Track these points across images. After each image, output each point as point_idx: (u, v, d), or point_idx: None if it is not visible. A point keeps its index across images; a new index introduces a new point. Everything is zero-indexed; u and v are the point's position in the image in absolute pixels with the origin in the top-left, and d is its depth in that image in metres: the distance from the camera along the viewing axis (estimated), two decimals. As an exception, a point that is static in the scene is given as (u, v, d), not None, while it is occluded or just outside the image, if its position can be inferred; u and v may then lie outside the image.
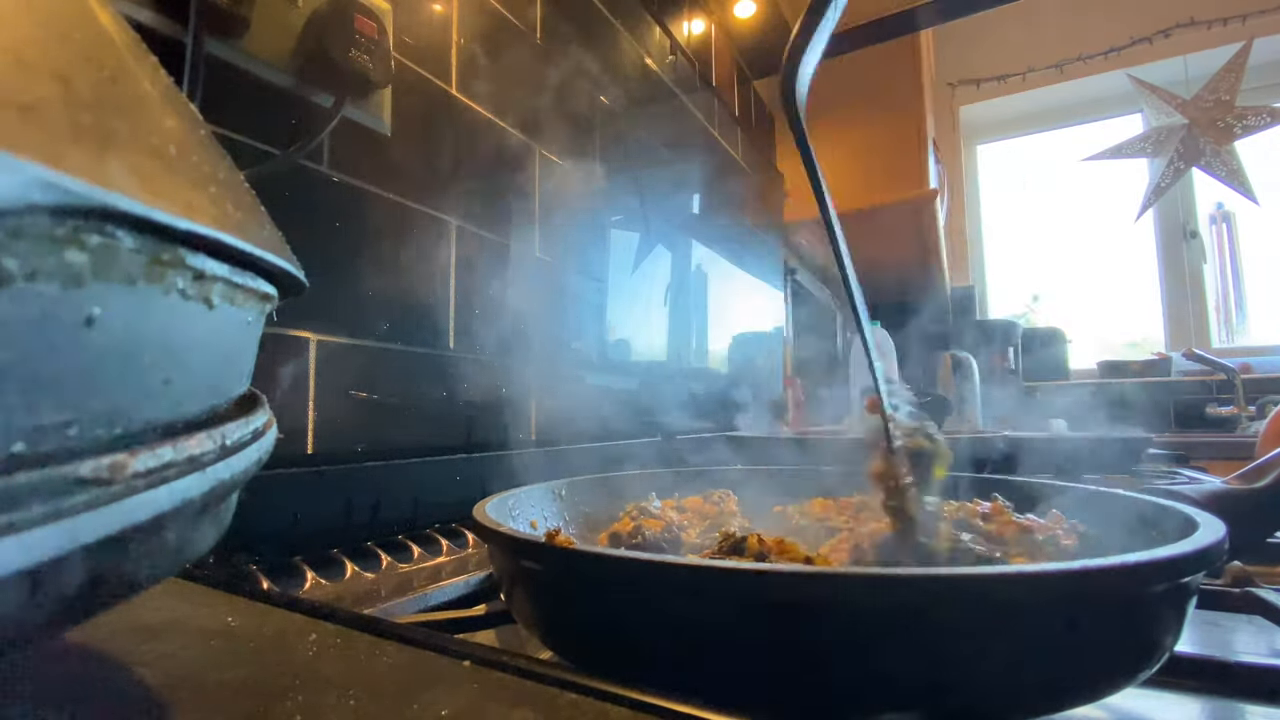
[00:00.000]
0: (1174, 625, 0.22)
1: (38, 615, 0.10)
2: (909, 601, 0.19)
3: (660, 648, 0.22)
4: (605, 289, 0.95)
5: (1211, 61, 2.08)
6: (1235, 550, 0.32)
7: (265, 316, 0.16)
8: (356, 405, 0.54)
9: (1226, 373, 1.80)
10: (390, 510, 0.54)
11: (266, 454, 0.16)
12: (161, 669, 0.19)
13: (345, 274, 0.55)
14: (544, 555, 0.24)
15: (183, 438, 0.12)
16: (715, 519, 0.42)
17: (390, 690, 0.18)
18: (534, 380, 0.77)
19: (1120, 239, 2.30)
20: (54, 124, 0.09)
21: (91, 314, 0.10)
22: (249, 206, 0.15)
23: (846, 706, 0.20)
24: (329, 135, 0.52)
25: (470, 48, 0.70)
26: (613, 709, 0.17)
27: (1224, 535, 0.23)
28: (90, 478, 0.10)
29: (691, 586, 0.21)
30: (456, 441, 0.64)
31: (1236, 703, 0.26)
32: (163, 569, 0.13)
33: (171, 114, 0.13)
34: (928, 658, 0.19)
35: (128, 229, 0.10)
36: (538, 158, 0.81)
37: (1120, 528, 0.32)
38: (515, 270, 0.75)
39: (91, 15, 0.12)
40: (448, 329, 0.65)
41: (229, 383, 0.15)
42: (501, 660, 0.20)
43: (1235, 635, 0.35)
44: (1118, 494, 0.34)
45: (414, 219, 0.62)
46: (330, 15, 0.52)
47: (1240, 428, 1.73)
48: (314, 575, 0.44)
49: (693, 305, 1.24)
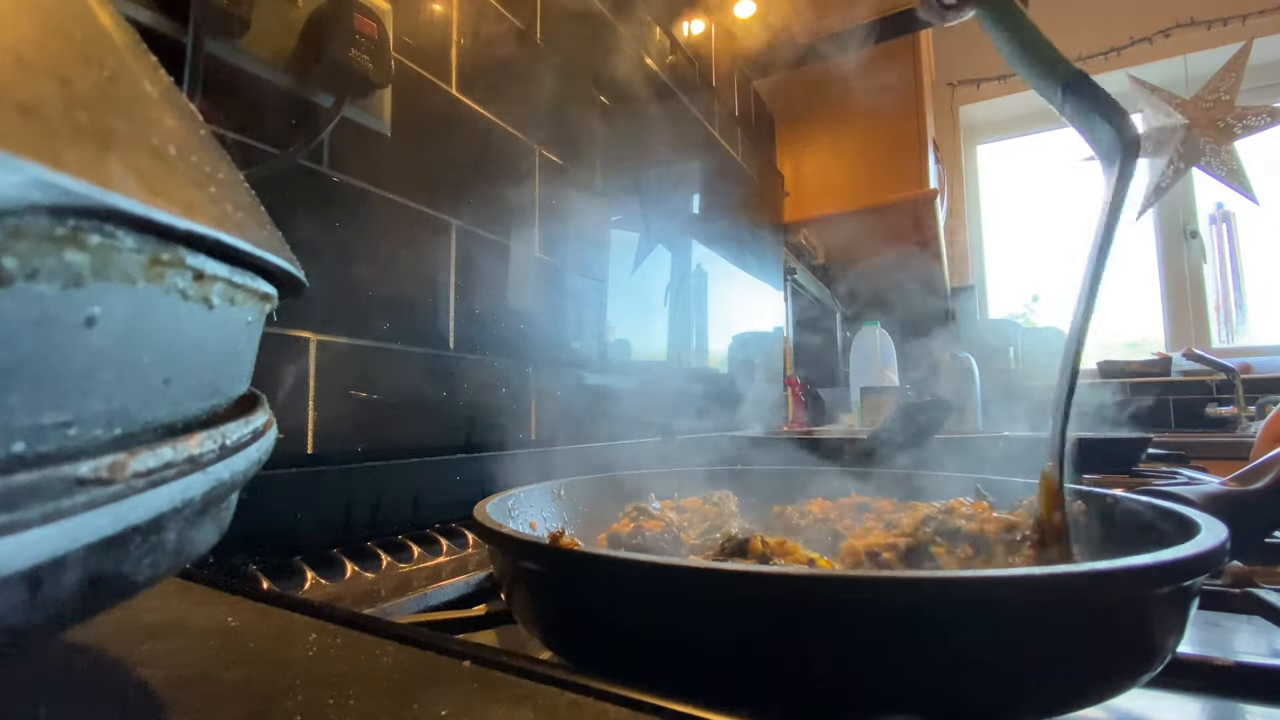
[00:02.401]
0: (1176, 628, 0.22)
1: (38, 615, 0.10)
2: (911, 603, 0.19)
3: (662, 649, 0.22)
4: (605, 289, 0.95)
5: (1211, 61, 2.07)
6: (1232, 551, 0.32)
7: (265, 316, 0.16)
8: (356, 405, 0.54)
9: (1226, 373, 1.80)
10: (390, 510, 0.54)
11: (266, 454, 0.16)
12: (161, 669, 0.19)
13: (345, 274, 0.55)
14: (547, 557, 0.24)
15: (183, 438, 0.12)
16: (715, 519, 0.42)
17: (390, 690, 0.18)
18: (534, 380, 0.77)
19: (1120, 239, 2.30)
20: (54, 124, 0.09)
21: (91, 314, 0.10)
22: (249, 206, 0.15)
23: (847, 708, 0.20)
24: (329, 135, 0.52)
25: (470, 48, 0.70)
26: (613, 709, 0.17)
27: (1226, 538, 0.23)
28: (90, 478, 0.10)
29: (696, 589, 0.21)
30: (456, 441, 0.64)
31: (1236, 703, 0.26)
32: (163, 569, 0.13)
33: (171, 114, 0.13)
34: (930, 660, 0.19)
35: (128, 229, 0.10)
36: (538, 158, 0.80)
37: (1119, 528, 0.32)
38: (515, 270, 0.75)
39: (91, 15, 0.12)
40: (448, 329, 0.65)
41: (229, 383, 0.15)
42: (501, 660, 0.20)
43: (1235, 635, 0.35)
44: (1118, 495, 0.34)
45: (414, 219, 0.62)
46: (330, 15, 0.52)
47: (1240, 428, 1.73)
48: (314, 575, 0.44)
49: (693, 305, 1.24)
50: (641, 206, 1.05)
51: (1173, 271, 2.22)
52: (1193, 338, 2.13)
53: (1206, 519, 0.26)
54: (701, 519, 0.42)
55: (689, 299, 1.22)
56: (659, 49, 1.15)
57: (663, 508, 0.41)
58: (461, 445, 0.65)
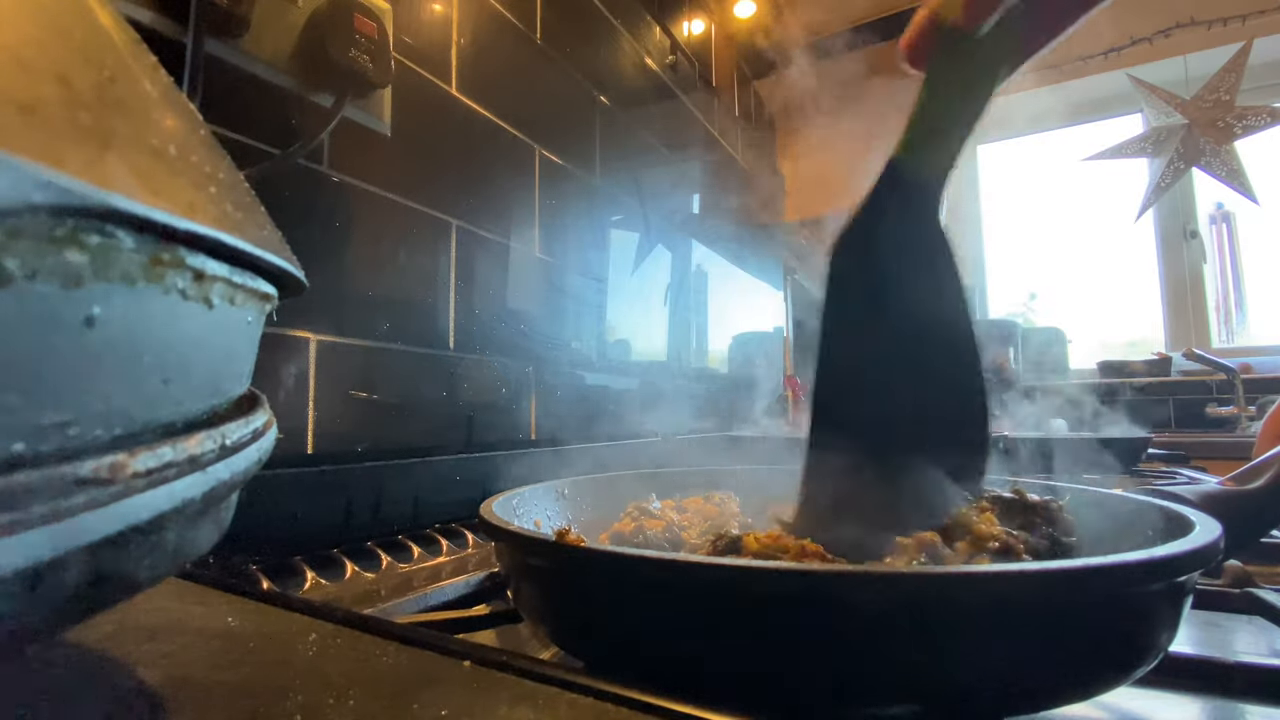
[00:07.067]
0: (1169, 625, 0.22)
1: (38, 615, 0.10)
2: (905, 598, 0.19)
3: (666, 644, 0.22)
4: (605, 289, 0.95)
5: (1211, 61, 2.08)
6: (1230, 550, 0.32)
7: (265, 316, 0.16)
8: (356, 405, 0.54)
9: (1226, 373, 1.80)
10: (390, 510, 0.54)
11: (266, 454, 0.16)
12: (161, 669, 0.19)
13: (345, 274, 0.55)
14: (554, 554, 0.24)
15: (183, 438, 0.12)
16: (716, 520, 0.42)
17: (390, 690, 0.18)
18: (534, 380, 0.77)
19: (1120, 239, 2.30)
20: (54, 124, 0.09)
21: (91, 314, 0.10)
22: (249, 206, 0.15)
23: (842, 703, 0.20)
24: (329, 135, 0.52)
25: (470, 48, 0.70)
26: (613, 709, 0.17)
27: (1219, 535, 0.23)
28: (90, 478, 0.10)
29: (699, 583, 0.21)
30: (456, 441, 0.64)
31: (1236, 703, 0.26)
32: (163, 569, 0.13)
33: (171, 114, 0.13)
34: (922, 654, 0.19)
35: (128, 229, 0.10)
36: (538, 158, 0.81)
37: (1117, 527, 0.32)
38: (515, 270, 0.75)
39: (91, 15, 0.12)
40: (448, 329, 0.65)
41: (229, 383, 0.15)
42: (501, 660, 0.20)
43: (1235, 635, 0.35)
44: (1114, 494, 0.34)
45: (414, 219, 0.62)
46: (330, 15, 0.52)
47: (1240, 428, 1.73)
48: (314, 575, 0.44)
49: (693, 305, 1.24)
50: (641, 206, 1.05)
51: (1173, 271, 2.22)
52: (1193, 338, 2.13)
53: (1201, 517, 0.26)
54: (703, 519, 0.42)
55: (689, 299, 1.22)
56: (659, 49, 1.15)
57: (664, 507, 0.41)
58: (461, 445, 0.65)
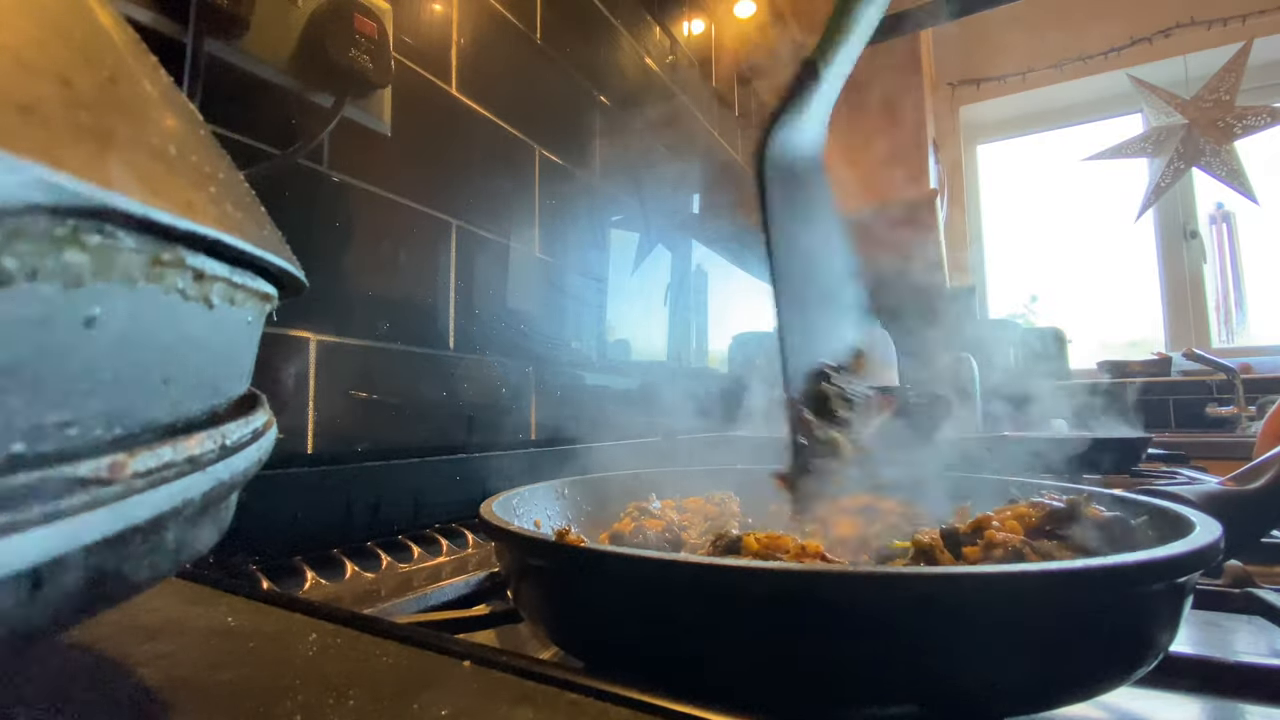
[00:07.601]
0: (1169, 625, 0.22)
1: (38, 615, 0.10)
2: (905, 599, 0.19)
3: (665, 643, 0.22)
4: (605, 289, 0.95)
5: (1211, 61, 2.08)
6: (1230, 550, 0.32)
7: (265, 316, 0.16)
8: (356, 405, 0.54)
9: (1226, 373, 1.80)
10: (390, 510, 0.54)
11: (266, 454, 0.16)
12: (161, 669, 0.19)
13: (345, 274, 0.55)
14: (554, 554, 0.24)
15: (183, 438, 0.12)
16: (716, 520, 0.42)
17: (390, 690, 0.18)
18: (534, 380, 0.77)
19: (1120, 239, 2.30)
20: (54, 124, 0.09)
21: (91, 314, 0.10)
22: (249, 206, 0.15)
23: (842, 703, 0.20)
24: (329, 135, 0.52)
25: (470, 48, 0.70)
26: (613, 709, 0.17)
27: (1219, 536, 0.23)
28: (90, 478, 0.10)
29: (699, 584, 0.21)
30: (456, 441, 0.64)
31: (1236, 703, 0.26)
32: (163, 569, 0.13)
33: (171, 114, 0.13)
34: (922, 654, 0.19)
35: (128, 229, 0.10)
36: (538, 158, 0.81)
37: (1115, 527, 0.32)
38: (515, 270, 0.75)
39: (91, 15, 0.12)
40: (448, 329, 0.65)
41: (229, 383, 0.15)
42: (501, 660, 0.20)
43: (1235, 635, 0.35)
44: (1114, 495, 0.34)
45: (414, 219, 0.62)
46: (330, 15, 0.52)
47: (1240, 428, 1.73)
48: (314, 575, 0.44)
49: (693, 305, 1.24)
50: (641, 206, 1.05)
51: (1173, 271, 2.22)
52: (1193, 338, 2.13)
53: (1202, 517, 0.26)
54: (703, 519, 0.42)
55: (689, 299, 1.22)
56: (659, 49, 1.15)
57: (664, 507, 0.41)
58: (461, 445, 0.65)
